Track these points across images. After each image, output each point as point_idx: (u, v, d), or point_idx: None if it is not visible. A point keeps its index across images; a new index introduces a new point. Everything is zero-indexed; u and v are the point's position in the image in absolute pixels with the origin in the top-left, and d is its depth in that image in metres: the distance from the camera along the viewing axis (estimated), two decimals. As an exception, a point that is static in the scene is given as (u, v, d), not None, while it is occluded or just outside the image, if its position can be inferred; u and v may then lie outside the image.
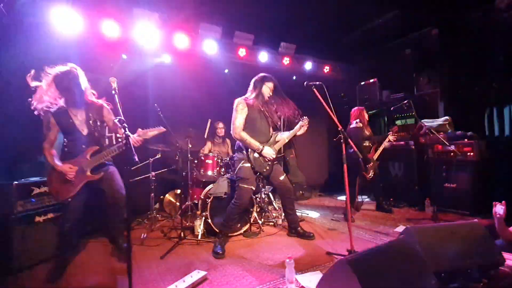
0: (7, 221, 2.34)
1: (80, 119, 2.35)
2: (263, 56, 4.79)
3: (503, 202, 2.02)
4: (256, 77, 2.93)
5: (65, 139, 2.35)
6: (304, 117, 2.96)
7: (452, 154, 3.72)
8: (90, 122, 2.36)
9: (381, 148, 3.90)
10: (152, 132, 2.32)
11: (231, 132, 2.82)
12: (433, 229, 1.96)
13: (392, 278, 1.54)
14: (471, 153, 3.67)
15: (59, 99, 2.31)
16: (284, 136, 2.95)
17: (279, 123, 3.04)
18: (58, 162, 2.25)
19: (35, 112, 2.24)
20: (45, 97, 2.23)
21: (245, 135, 2.75)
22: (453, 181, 3.80)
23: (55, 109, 2.29)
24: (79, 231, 2.69)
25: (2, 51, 2.87)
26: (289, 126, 4.18)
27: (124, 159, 2.21)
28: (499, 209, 1.99)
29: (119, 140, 1.84)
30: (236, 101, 2.83)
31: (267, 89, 2.87)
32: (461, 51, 4.29)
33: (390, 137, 3.95)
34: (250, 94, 2.89)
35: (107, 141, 2.52)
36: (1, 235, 2.33)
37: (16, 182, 2.42)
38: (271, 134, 2.95)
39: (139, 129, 2.30)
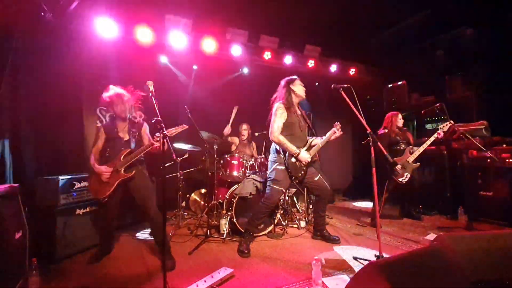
0: (51, 212, 2.55)
1: (123, 129, 2.58)
2: (288, 59, 4.82)
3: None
4: (285, 80, 2.93)
5: (108, 145, 2.56)
6: (337, 122, 2.91)
7: (489, 160, 3.52)
8: (131, 132, 2.57)
9: (420, 150, 3.63)
10: (175, 130, 2.42)
11: (269, 135, 2.84)
12: (469, 238, 1.87)
13: (426, 286, 1.49)
14: (510, 160, 3.44)
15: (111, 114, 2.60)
16: (318, 142, 2.92)
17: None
18: (97, 165, 2.48)
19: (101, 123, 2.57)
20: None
21: (282, 139, 2.76)
22: (489, 189, 3.59)
23: (106, 121, 2.57)
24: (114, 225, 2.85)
25: (49, 55, 3.13)
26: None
27: (160, 157, 2.33)
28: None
29: (158, 138, 1.97)
30: (276, 105, 2.86)
31: (300, 86, 2.90)
32: (499, 52, 4.05)
33: (440, 131, 3.53)
34: (287, 98, 2.88)
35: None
36: (46, 225, 2.55)
37: (61, 177, 2.63)
38: (307, 139, 2.96)
39: (167, 130, 2.42)
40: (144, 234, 3.30)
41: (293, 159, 2.79)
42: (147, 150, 2.44)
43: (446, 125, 3.53)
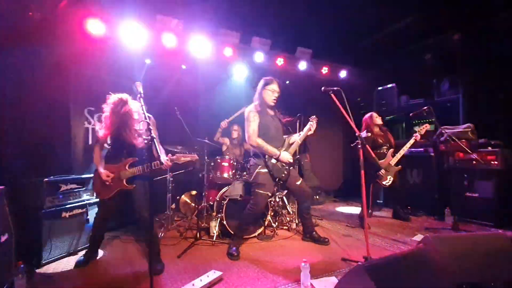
0: (37, 215, 2.49)
1: (129, 132, 2.48)
2: (280, 61, 4.83)
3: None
4: (263, 80, 2.91)
5: (112, 145, 2.51)
6: (313, 116, 2.92)
7: (474, 162, 3.60)
8: (136, 135, 2.49)
9: (401, 153, 3.72)
10: (185, 158, 2.41)
11: (247, 140, 2.84)
12: (454, 239, 1.90)
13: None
14: (495, 162, 3.53)
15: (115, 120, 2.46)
16: (296, 138, 2.93)
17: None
18: (101, 166, 2.45)
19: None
20: (106, 122, 2.48)
21: (261, 142, 2.76)
22: (475, 190, 3.68)
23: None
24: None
25: (37, 54, 3.06)
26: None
27: (148, 159, 2.29)
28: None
29: (146, 139, 1.93)
30: (246, 110, 2.86)
31: (269, 92, 2.85)
32: (486, 56, 4.16)
33: (417, 134, 3.69)
34: (260, 100, 2.88)
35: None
36: (32, 228, 2.48)
37: (46, 179, 2.57)
38: (283, 138, 2.96)
39: (177, 155, 2.41)
40: (133, 237, 3.25)
41: (274, 161, 2.78)
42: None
43: (424, 127, 3.74)
